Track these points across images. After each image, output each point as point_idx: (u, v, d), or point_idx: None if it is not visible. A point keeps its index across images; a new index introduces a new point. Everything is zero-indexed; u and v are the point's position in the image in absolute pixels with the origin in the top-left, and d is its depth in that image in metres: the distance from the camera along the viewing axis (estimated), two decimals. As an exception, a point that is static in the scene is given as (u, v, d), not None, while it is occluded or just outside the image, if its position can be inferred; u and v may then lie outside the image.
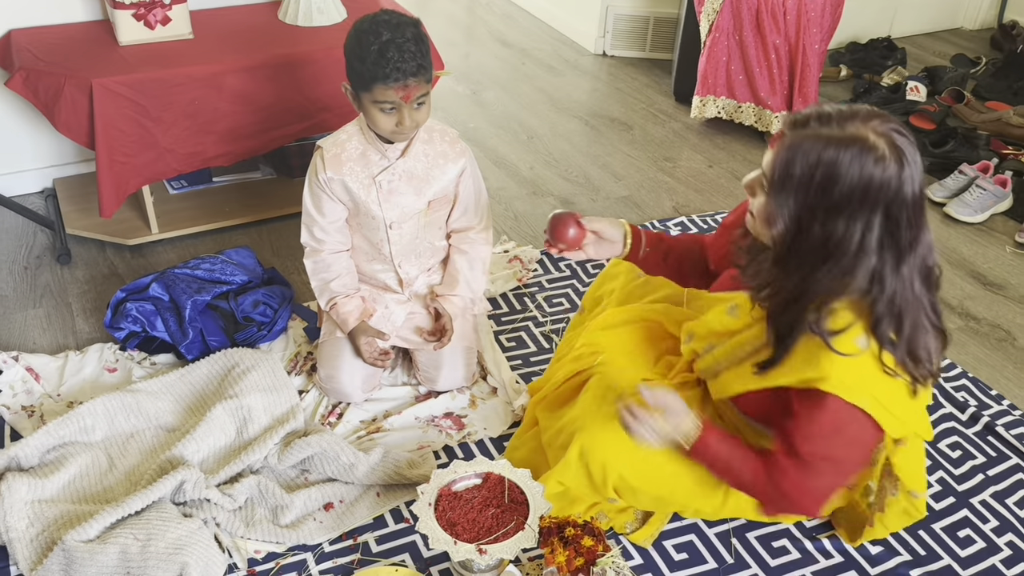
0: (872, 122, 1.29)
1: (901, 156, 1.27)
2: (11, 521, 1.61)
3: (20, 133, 2.60)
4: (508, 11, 4.42)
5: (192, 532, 1.60)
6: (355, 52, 1.73)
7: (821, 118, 1.30)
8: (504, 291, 2.39)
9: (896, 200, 1.28)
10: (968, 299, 2.53)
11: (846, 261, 1.31)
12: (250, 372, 1.95)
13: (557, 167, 3.06)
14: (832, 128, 1.28)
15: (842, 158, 1.26)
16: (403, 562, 1.67)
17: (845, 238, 1.30)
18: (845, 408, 1.38)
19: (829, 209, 1.29)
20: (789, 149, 1.30)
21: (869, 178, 1.26)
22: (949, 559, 1.74)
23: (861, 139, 1.27)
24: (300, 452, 1.79)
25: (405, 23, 1.74)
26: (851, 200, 1.27)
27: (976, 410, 2.08)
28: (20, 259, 2.45)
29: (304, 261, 1.98)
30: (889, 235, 1.30)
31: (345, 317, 1.95)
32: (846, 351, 1.34)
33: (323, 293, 1.97)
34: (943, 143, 3.18)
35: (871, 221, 1.28)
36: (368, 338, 1.95)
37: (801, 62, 3.05)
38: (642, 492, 1.66)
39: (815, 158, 1.27)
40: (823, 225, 1.30)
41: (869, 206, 1.28)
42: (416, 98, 1.75)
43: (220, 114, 2.33)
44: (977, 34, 4.43)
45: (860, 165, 1.25)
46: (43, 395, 1.98)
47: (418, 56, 1.72)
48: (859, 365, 1.35)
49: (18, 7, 2.42)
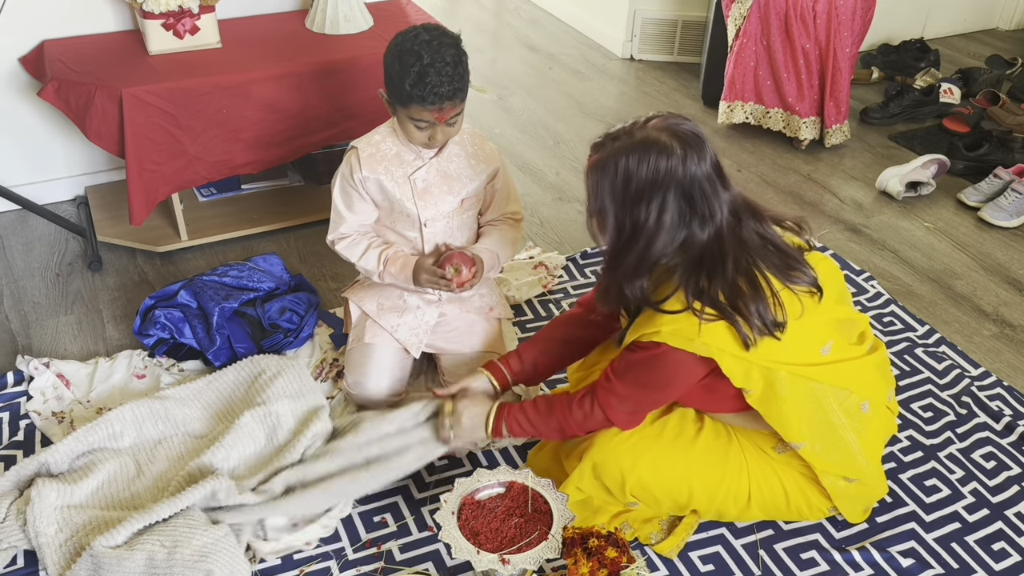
0: (653, 123, 1.48)
1: (683, 142, 1.44)
2: (41, 526, 1.63)
3: (53, 142, 2.64)
4: (535, 16, 4.42)
5: (218, 540, 1.61)
6: (395, 68, 1.75)
7: (614, 136, 1.49)
8: (529, 297, 2.39)
9: (686, 179, 1.44)
10: (1003, 305, 2.48)
11: (649, 237, 1.47)
12: (277, 378, 1.95)
13: (583, 173, 3.04)
14: (623, 140, 1.46)
15: (632, 160, 1.44)
16: (426, 571, 1.67)
17: (646, 220, 1.46)
18: (668, 349, 1.50)
19: (633, 203, 1.46)
20: (593, 171, 1.49)
21: (655, 169, 1.43)
22: (983, 572, 1.71)
23: (646, 140, 1.45)
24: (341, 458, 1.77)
25: (447, 44, 1.75)
26: (645, 190, 1.44)
27: (1011, 419, 2.04)
28: (52, 266, 2.48)
29: (336, 250, 1.96)
30: (689, 208, 1.45)
31: (404, 259, 1.92)
32: (671, 309, 1.50)
33: (369, 258, 1.93)
34: (977, 146, 3.13)
35: (665, 202, 1.44)
36: (429, 267, 1.90)
37: (832, 66, 3.02)
38: (663, 497, 1.68)
39: (613, 169, 1.46)
40: (631, 216, 1.47)
41: (662, 190, 1.44)
42: (450, 118, 1.78)
43: (248, 122, 2.35)
44: (1013, 35, 4.36)
45: (648, 160, 1.43)
46: (73, 401, 2.00)
47: (455, 80, 1.73)
48: (684, 319, 1.49)
49: (50, 18, 2.46)
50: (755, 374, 1.52)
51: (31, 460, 1.75)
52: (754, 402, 1.56)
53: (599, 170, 1.48)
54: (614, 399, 1.60)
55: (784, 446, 1.66)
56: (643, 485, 1.66)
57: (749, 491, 1.68)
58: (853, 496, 1.70)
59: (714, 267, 1.48)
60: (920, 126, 3.43)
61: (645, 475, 1.65)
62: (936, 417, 2.06)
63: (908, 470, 1.92)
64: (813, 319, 1.56)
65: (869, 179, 3.07)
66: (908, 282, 2.56)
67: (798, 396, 1.56)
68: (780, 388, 1.53)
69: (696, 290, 1.49)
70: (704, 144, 1.46)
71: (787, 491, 1.69)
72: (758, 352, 1.49)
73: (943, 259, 2.67)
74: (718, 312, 1.48)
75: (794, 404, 1.56)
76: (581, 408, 1.63)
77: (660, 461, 1.65)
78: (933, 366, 2.21)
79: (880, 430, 1.72)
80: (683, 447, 1.66)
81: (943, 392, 2.13)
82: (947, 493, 1.87)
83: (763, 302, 1.48)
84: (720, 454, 1.67)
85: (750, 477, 1.67)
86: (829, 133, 3.17)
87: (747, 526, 1.77)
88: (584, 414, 1.62)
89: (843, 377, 1.60)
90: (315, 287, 2.35)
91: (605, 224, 1.51)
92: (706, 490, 1.68)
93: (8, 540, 1.63)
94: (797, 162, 3.17)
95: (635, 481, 1.65)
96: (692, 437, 1.68)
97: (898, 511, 1.82)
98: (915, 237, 2.77)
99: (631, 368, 1.57)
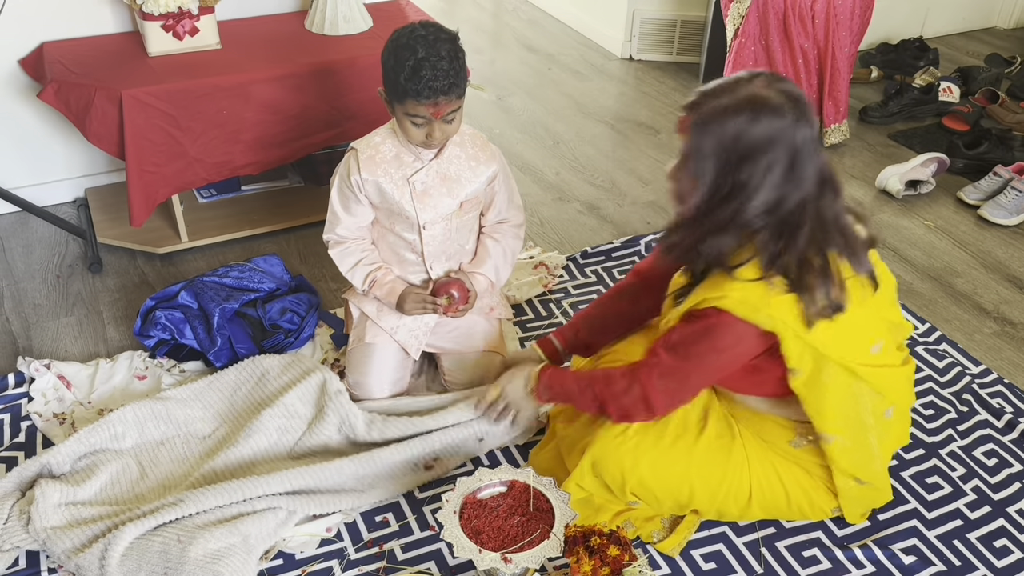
0: (757, 81, 1.41)
1: (794, 102, 1.39)
2: (47, 521, 1.63)
3: (52, 144, 2.64)
4: (534, 16, 4.42)
5: (231, 546, 1.61)
6: (391, 64, 1.75)
7: (713, 93, 1.42)
8: (529, 297, 2.39)
9: (796, 140, 1.39)
10: (1004, 303, 2.48)
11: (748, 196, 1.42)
12: (282, 376, 1.96)
13: (583, 172, 3.05)
14: (726, 98, 1.40)
15: (743, 119, 1.38)
16: (428, 570, 1.67)
17: (748, 179, 1.41)
18: (731, 320, 1.47)
19: (739, 161, 1.40)
20: (695, 129, 1.42)
21: (768, 127, 1.38)
22: (985, 568, 1.71)
23: (755, 98, 1.38)
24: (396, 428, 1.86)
25: (442, 39, 1.75)
26: (755, 149, 1.39)
27: (1012, 417, 2.04)
28: (53, 268, 2.48)
29: (330, 253, 1.98)
30: (791, 170, 1.40)
31: (391, 286, 1.95)
32: (746, 276, 1.46)
33: (357, 274, 1.97)
34: (977, 144, 3.13)
35: (773, 162, 1.39)
36: (416, 292, 1.94)
37: (831, 65, 3.02)
38: (664, 496, 1.67)
39: (720, 126, 1.39)
40: (734, 175, 1.41)
41: (772, 150, 1.39)
42: (446, 115, 1.77)
43: (248, 123, 2.35)
44: (1012, 33, 4.36)
45: (760, 119, 1.37)
46: (74, 403, 2.00)
47: (451, 74, 1.73)
48: (754, 288, 1.45)
49: (50, 20, 2.45)
50: (807, 357, 1.50)
51: (33, 461, 1.75)
52: (798, 386, 1.54)
53: (701, 127, 1.41)
54: (656, 375, 1.55)
55: (802, 440, 1.65)
56: (644, 485, 1.66)
57: (750, 491, 1.68)
58: (859, 498, 1.70)
59: (791, 237, 1.44)
60: (919, 125, 3.44)
61: (646, 475, 1.64)
62: (937, 415, 2.06)
63: (910, 468, 1.92)
64: (868, 312, 1.54)
65: (869, 178, 3.07)
66: (908, 280, 2.56)
67: (840, 389, 1.54)
68: (826, 377, 1.52)
69: (771, 258, 1.44)
70: (810, 107, 1.42)
71: (788, 491, 1.69)
72: (815, 335, 1.47)
73: (943, 257, 2.67)
74: (789, 284, 1.44)
75: (836, 396, 1.55)
76: (622, 381, 1.59)
77: (661, 461, 1.65)
78: (934, 364, 2.21)
79: (895, 439, 1.71)
80: (685, 447, 1.66)
81: (944, 390, 2.13)
82: (949, 490, 1.87)
83: (830, 281, 1.45)
84: (722, 454, 1.67)
85: (751, 477, 1.67)
86: (828, 132, 3.17)
87: (749, 524, 1.77)
88: (623, 388, 1.58)
89: (882, 381, 1.58)
90: (316, 288, 2.35)
91: (700, 181, 1.44)
92: (707, 490, 1.67)
93: (11, 541, 1.63)
94: (797, 161, 3.17)
95: (636, 481, 1.65)
96: (694, 437, 1.67)
97: (900, 508, 1.82)
98: (915, 235, 2.77)
99: (685, 339, 1.52)
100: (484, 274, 2.00)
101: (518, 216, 2.06)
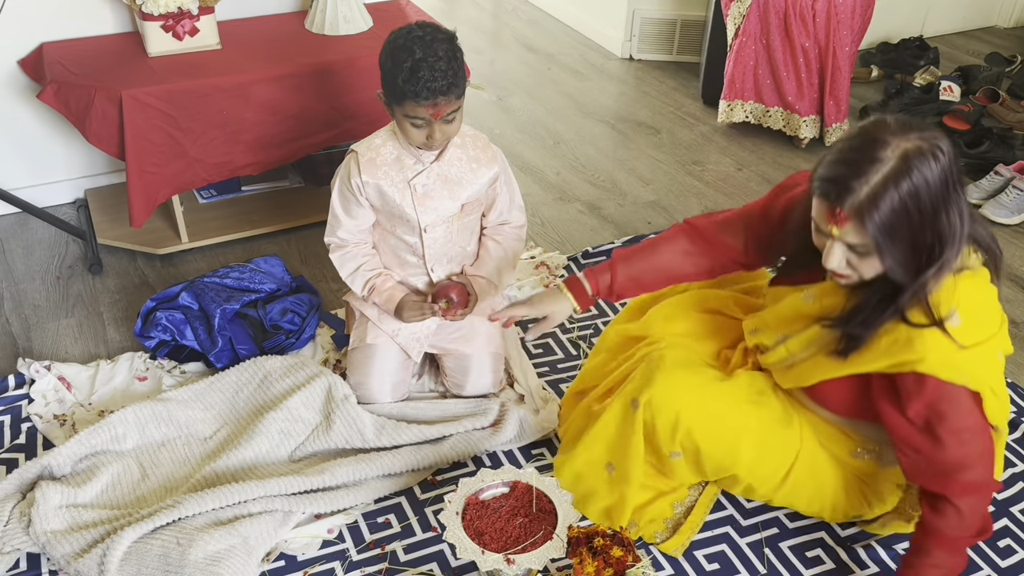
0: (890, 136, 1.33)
1: (932, 138, 1.33)
2: (47, 524, 1.63)
3: (52, 145, 2.63)
4: (534, 16, 4.42)
5: (231, 547, 1.61)
6: (388, 66, 1.75)
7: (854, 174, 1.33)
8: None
9: (955, 170, 1.35)
10: (1005, 303, 2.46)
11: (951, 241, 1.35)
12: (285, 378, 1.96)
13: (584, 172, 3.05)
14: (880, 169, 1.31)
15: (911, 182, 1.30)
16: (431, 571, 1.67)
17: (948, 226, 1.35)
18: (947, 389, 1.39)
19: (932, 218, 1.34)
20: (869, 216, 1.32)
21: (936, 175, 1.31)
22: (989, 568, 1.70)
23: (908, 154, 1.31)
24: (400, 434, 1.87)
25: (439, 40, 1.74)
26: (938, 200, 1.33)
27: (1015, 416, 2.03)
28: (53, 269, 2.48)
29: (330, 257, 1.98)
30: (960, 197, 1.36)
31: (390, 293, 1.95)
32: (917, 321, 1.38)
33: (356, 279, 1.97)
34: (978, 144, 3.12)
35: (958, 200, 1.35)
36: (414, 300, 1.93)
37: (831, 64, 3.02)
38: (708, 450, 1.63)
39: (892, 202, 1.31)
40: (932, 230, 1.34)
41: (949, 191, 1.34)
42: (446, 115, 1.76)
43: (248, 124, 2.35)
44: (1012, 32, 4.36)
45: (924, 171, 1.31)
46: (75, 404, 2.00)
47: (449, 75, 1.72)
48: (940, 340, 1.37)
49: (49, 20, 2.45)
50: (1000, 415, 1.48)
51: (33, 463, 1.75)
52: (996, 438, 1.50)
53: (872, 212, 1.32)
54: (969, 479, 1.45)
55: (864, 452, 1.64)
56: (692, 436, 1.61)
57: (788, 472, 1.65)
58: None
59: (944, 264, 1.37)
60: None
61: (699, 425, 1.60)
62: (940, 414, 2.06)
63: (912, 467, 1.91)
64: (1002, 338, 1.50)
65: (870, 177, 3.06)
66: (910, 280, 2.55)
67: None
68: None
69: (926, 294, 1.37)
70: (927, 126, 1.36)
71: (822, 488, 1.66)
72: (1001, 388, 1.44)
73: (945, 256, 2.66)
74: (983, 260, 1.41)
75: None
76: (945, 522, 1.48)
77: (718, 417, 1.61)
78: (936, 363, 2.20)
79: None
80: (744, 412, 1.62)
81: (946, 389, 2.13)
82: (952, 490, 1.87)
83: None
84: (778, 428, 1.63)
85: (797, 461, 1.64)
86: (829, 132, 3.17)
87: (752, 524, 1.77)
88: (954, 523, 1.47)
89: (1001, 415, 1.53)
90: (316, 288, 2.35)
91: (891, 259, 1.36)
92: (750, 457, 1.63)
93: (11, 544, 1.63)
94: (798, 161, 3.17)
95: (687, 428, 1.60)
96: (755, 406, 1.63)
97: (903, 509, 1.82)
98: (916, 235, 2.77)
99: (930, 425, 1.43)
100: (486, 277, 2.00)
101: (520, 217, 2.05)
